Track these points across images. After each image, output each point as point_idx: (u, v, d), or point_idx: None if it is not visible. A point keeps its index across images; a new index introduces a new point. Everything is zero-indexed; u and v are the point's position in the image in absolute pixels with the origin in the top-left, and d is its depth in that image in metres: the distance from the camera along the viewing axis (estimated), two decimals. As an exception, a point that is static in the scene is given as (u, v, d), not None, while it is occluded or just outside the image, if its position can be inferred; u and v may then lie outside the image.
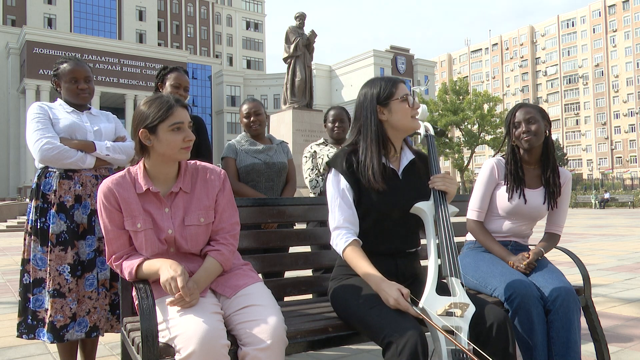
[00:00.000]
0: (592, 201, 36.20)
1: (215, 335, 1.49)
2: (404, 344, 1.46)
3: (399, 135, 1.90)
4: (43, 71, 43.48)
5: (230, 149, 3.25)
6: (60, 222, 2.34)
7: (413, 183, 1.88)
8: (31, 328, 2.33)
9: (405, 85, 1.90)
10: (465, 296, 1.65)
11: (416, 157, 1.95)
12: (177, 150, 1.69)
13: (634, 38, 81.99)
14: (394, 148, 1.90)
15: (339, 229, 1.82)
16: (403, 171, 1.90)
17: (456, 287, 1.66)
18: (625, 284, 5.19)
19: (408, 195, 1.83)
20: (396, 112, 1.84)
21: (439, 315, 1.56)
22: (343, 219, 1.81)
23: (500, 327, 1.62)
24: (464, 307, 1.58)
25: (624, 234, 12.21)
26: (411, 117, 1.85)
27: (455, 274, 1.68)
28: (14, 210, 23.16)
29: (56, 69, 2.52)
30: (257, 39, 69.80)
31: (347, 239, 1.79)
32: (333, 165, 1.88)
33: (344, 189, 1.83)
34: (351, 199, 1.83)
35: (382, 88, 1.87)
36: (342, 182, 1.84)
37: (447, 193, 1.82)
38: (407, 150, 1.96)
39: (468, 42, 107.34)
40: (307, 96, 18.48)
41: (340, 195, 1.83)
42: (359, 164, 1.84)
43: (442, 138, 45.84)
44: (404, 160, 1.92)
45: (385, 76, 1.95)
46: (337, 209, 1.83)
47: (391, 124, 1.86)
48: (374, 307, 1.64)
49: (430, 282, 1.67)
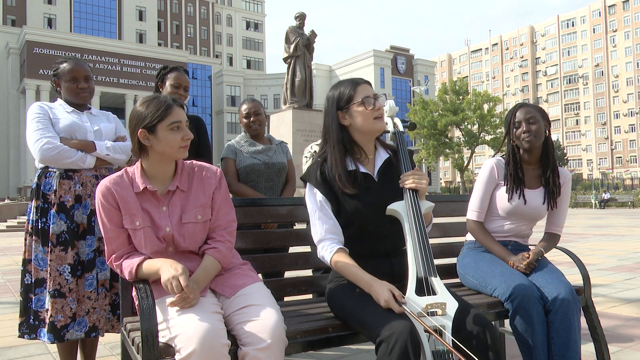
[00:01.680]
0: (592, 201, 36.21)
1: (215, 334, 1.49)
2: (394, 342, 1.46)
3: (366, 138, 1.87)
4: (43, 71, 43.47)
5: (229, 150, 3.25)
6: (61, 222, 2.34)
7: (391, 183, 1.85)
8: (33, 328, 2.33)
9: (367, 85, 1.86)
10: (445, 293, 1.63)
11: (392, 156, 1.93)
12: (176, 149, 1.70)
13: (634, 38, 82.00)
14: (364, 152, 1.88)
15: (323, 241, 1.81)
16: (379, 172, 1.88)
17: (436, 285, 1.65)
18: (625, 284, 5.19)
19: (385, 196, 1.81)
20: (356, 116, 1.81)
21: (420, 316, 1.55)
22: (325, 230, 1.81)
23: (479, 333, 1.58)
24: (442, 306, 1.58)
25: (624, 234, 12.21)
26: (374, 119, 1.82)
27: (431, 273, 1.67)
28: (14, 210, 23.16)
29: (56, 69, 2.52)
30: (257, 39, 69.80)
31: (332, 248, 1.78)
32: (307, 179, 1.87)
33: (321, 202, 1.82)
34: (330, 210, 1.82)
35: (341, 92, 1.84)
36: (318, 195, 1.83)
37: (418, 190, 1.79)
38: (382, 150, 1.93)
39: (468, 42, 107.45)
40: (307, 96, 18.48)
41: (318, 208, 1.82)
42: (330, 173, 1.82)
43: (442, 138, 45.89)
44: (379, 161, 1.90)
45: (348, 79, 1.91)
46: (318, 222, 1.82)
47: (355, 128, 1.84)
48: (368, 307, 1.65)
49: (410, 283, 1.66)
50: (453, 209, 2.72)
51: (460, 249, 2.53)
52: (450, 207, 2.73)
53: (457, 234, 2.70)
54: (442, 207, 2.61)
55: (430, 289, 1.65)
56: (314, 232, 1.84)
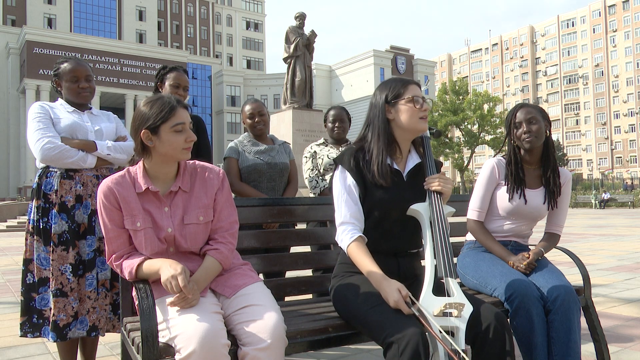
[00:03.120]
0: (592, 201, 36.20)
1: (215, 334, 1.49)
2: (405, 344, 1.46)
3: (405, 136, 1.91)
4: (43, 71, 43.46)
5: (232, 150, 3.25)
6: (62, 222, 2.34)
7: (417, 186, 1.89)
8: (36, 327, 2.34)
9: (417, 87, 1.91)
10: (462, 296, 1.65)
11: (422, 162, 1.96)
12: (178, 150, 1.70)
13: (634, 38, 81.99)
14: (400, 149, 1.92)
15: (345, 225, 1.83)
16: (408, 173, 1.91)
17: (452, 287, 1.66)
18: (625, 284, 5.19)
19: (410, 196, 1.84)
20: (403, 112, 1.86)
21: (435, 316, 1.56)
22: (350, 214, 1.83)
23: (497, 328, 1.62)
24: (459, 307, 1.58)
25: (624, 234, 12.21)
26: (419, 119, 1.86)
27: (451, 274, 1.68)
28: (14, 210, 23.16)
29: (57, 69, 2.52)
30: (257, 39, 69.79)
31: (353, 234, 1.80)
32: (340, 162, 1.90)
33: (350, 186, 1.85)
34: (357, 196, 1.85)
35: (392, 88, 1.90)
36: (349, 179, 1.86)
37: (443, 194, 1.82)
38: (415, 154, 1.97)
39: (468, 42, 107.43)
40: (307, 96, 18.47)
41: (347, 191, 1.85)
42: (365, 162, 1.86)
43: (442, 137, 45.88)
44: (410, 163, 1.93)
45: (400, 77, 1.98)
46: (344, 205, 1.84)
47: (398, 124, 1.87)
48: (376, 307, 1.65)
49: (427, 283, 1.67)
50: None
51: (460, 248, 2.53)
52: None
53: (457, 234, 2.70)
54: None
55: (447, 290, 1.67)
56: (337, 214, 1.86)
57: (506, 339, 1.62)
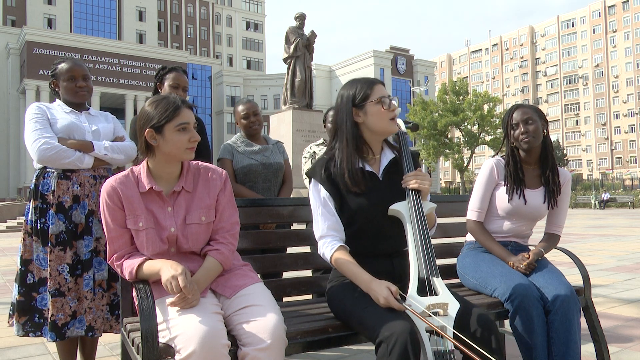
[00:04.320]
0: (592, 201, 36.21)
1: (215, 335, 1.49)
2: (394, 342, 1.46)
3: (376, 138, 1.88)
4: (43, 71, 43.47)
5: (226, 150, 3.23)
6: (59, 222, 2.34)
7: (395, 183, 1.85)
8: (38, 326, 2.34)
9: (382, 86, 1.87)
10: (447, 294, 1.63)
11: (397, 156, 1.93)
12: (182, 150, 1.71)
13: (633, 38, 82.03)
14: (372, 151, 1.88)
15: (324, 238, 1.81)
16: (384, 172, 1.88)
17: (437, 285, 1.65)
18: (625, 285, 5.19)
19: (389, 197, 1.81)
20: (372, 115, 1.81)
21: (423, 316, 1.55)
22: (327, 227, 1.81)
23: (483, 333, 1.59)
24: (444, 307, 1.58)
25: (624, 234, 12.21)
26: (389, 120, 1.82)
27: (434, 273, 1.66)
28: (13, 210, 23.16)
29: (54, 69, 2.52)
30: (257, 39, 69.82)
31: (333, 246, 1.78)
32: (312, 175, 1.88)
33: (325, 198, 1.83)
34: (333, 207, 1.82)
35: (358, 90, 1.84)
36: (322, 191, 1.83)
37: (421, 191, 1.79)
38: (388, 150, 1.93)
39: (468, 43, 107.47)
40: (307, 96, 18.47)
41: (322, 204, 1.83)
42: (336, 170, 1.82)
43: (442, 138, 45.91)
44: (384, 161, 1.90)
45: (363, 77, 1.91)
46: (320, 218, 1.82)
47: (367, 127, 1.84)
48: (367, 307, 1.65)
49: (411, 284, 1.66)
50: (453, 210, 2.73)
51: (460, 249, 2.53)
52: (450, 207, 2.73)
53: (457, 234, 2.70)
54: (442, 208, 2.61)
55: (432, 289, 1.65)
56: (315, 228, 1.84)
57: (492, 339, 1.59)
